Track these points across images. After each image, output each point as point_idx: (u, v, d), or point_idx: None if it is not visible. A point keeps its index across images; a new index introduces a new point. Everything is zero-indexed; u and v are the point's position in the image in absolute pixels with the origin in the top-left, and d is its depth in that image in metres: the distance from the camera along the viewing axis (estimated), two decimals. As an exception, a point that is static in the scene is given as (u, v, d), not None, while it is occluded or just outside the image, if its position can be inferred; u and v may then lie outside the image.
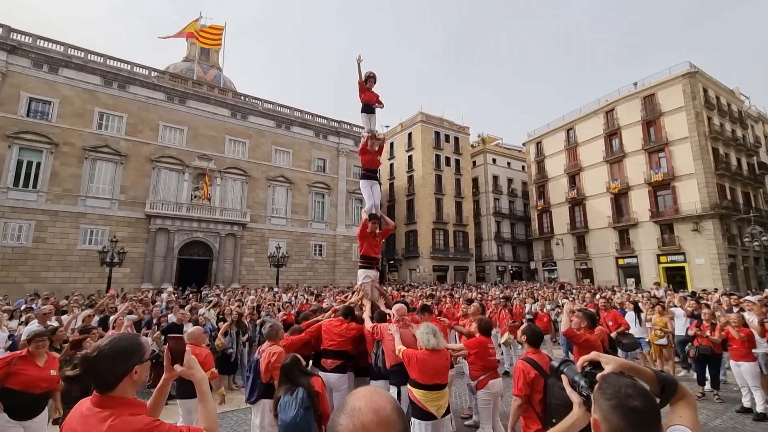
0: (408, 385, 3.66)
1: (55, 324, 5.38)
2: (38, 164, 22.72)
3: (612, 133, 35.24)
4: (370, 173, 5.83)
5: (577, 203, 37.73)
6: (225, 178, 29.16)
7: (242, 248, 28.96)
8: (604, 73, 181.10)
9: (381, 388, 0.84)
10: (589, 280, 34.33)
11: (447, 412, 3.63)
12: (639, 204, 32.34)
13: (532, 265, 43.37)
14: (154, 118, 26.96)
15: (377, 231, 5.48)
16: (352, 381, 4.38)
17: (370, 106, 5.89)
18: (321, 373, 3.92)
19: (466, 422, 5.76)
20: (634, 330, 8.93)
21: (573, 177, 38.64)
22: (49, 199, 22.72)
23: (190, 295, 15.50)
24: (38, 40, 23.80)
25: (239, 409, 6.65)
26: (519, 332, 3.47)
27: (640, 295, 14.41)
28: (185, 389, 4.49)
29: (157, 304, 10.49)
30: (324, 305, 8.75)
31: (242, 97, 32.15)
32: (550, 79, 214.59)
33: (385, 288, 5.66)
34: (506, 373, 8.70)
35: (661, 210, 31.12)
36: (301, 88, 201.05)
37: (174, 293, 14.09)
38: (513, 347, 8.71)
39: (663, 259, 30.61)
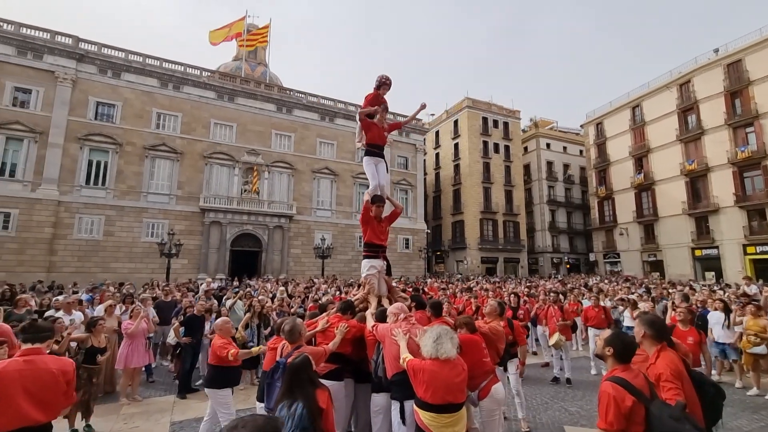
0: (414, 405, 2.94)
1: (80, 315, 5.39)
2: (105, 164, 24.72)
3: (687, 108, 31.30)
4: (375, 149, 5.06)
5: (644, 188, 34.24)
6: (272, 171, 29.92)
7: (289, 240, 29.64)
8: (675, 46, 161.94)
9: None
10: (658, 274, 30.97)
11: None
12: (721, 187, 28.49)
13: (592, 257, 40.21)
14: (205, 116, 28.25)
15: (382, 215, 4.78)
16: (352, 389, 3.77)
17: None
18: None
19: None
20: (720, 334, 7.51)
21: (639, 159, 35.06)
22: (116, 196, 24.67)
23: (233, 286, 15.90)
24: (102, 48, 25.73)
25: (255, 407, 6.35)
26: (602, 342, 2.46)
27: (723, 292, 12.33)
28: (215, 379, 4.58)
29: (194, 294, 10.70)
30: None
31: (287, 92, 32.71)
32: (612, 56, 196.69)
33: (388, 278, 4.85)
34: (555, 379, 7.70)
35: (749, 193, 27.20)
36: (346, 78, 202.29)
37: (214, 282, 14.50)
38: (564, 350, 7.66)
39: (750, 249, 26.74)
